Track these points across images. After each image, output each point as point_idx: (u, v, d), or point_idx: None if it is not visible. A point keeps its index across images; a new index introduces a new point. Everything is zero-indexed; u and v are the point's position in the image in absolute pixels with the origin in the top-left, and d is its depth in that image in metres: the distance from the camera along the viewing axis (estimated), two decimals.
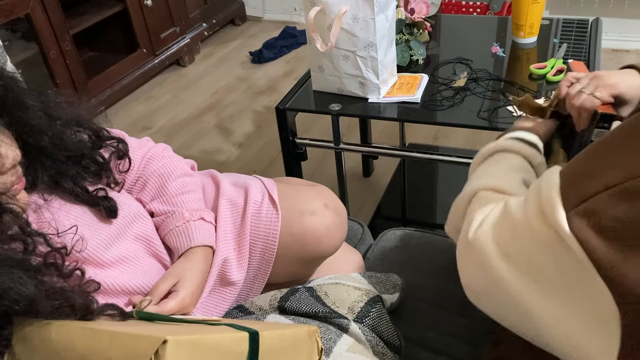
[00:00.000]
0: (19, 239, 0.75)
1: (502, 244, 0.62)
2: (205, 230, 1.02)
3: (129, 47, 3.04)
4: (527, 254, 0.59)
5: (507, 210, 0.63)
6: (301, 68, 3.24)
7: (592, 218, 0.52)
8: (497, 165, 0.82)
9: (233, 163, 2.52)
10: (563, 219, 0.54)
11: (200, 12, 3.47)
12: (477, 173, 0.82)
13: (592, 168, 0.55)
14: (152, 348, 0.58)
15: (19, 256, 0.74)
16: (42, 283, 0.72)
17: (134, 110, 3.02)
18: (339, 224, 1.09)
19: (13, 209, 0.76)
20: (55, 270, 0.77)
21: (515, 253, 0.60)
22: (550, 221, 0.55)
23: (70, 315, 0.72)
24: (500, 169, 0.80)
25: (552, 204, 0.55)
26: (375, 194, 2.23)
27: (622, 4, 2.96)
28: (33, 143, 0.84)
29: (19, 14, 2.39)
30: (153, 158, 1.06)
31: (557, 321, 0.57)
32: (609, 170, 0.52)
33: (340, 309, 0.98)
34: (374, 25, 1.33)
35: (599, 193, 0.52)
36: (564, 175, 0.57)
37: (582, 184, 0.54)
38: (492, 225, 0.64)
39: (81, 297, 0.74)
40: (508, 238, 0.61)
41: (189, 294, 0.94)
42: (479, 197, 0.74)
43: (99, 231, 0.91)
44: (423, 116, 1.42)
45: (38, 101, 0.87)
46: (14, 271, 0.69)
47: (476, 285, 0.67)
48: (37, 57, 2.54)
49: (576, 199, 0.54)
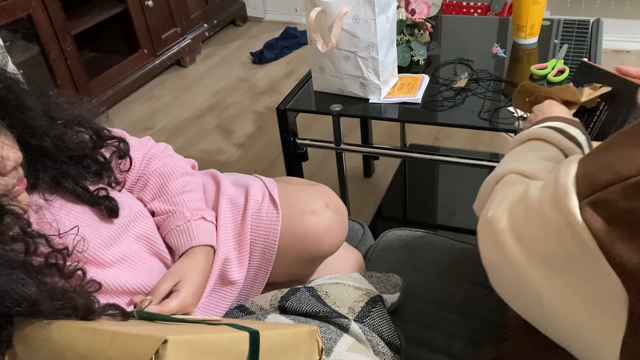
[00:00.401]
0: (20, 240, 0.75)
1: (515, 224, 0.63)
2: (206, 229, 1.02)
3: (130, 48, 3.05)
4: (537, 237, 0.60)
5: (526, 192, 0.64)
6: (302, 69, 3.24)
7: (604, 208, 0.53)
8: (531, 152, 0.81)
9: (234, 163, 2.52)
10: (575, 206, 0.55)
11: (201, 12, 3.47)
12: (509, 157, 0.82)
13: (608, 159, 0.55)
14: (152, 348, 0.58)
15: (21, 257, 0.74)
16: (44, 284, 0.72)
17: (135, 111, 3.02)
18: (340, 223, 1.09)
19: (14, 210, 0.76)
20: (56, 271, 0.77)
21: (527, 234, 0.61)
22: (562, 207, 0.56)
23: (72, 316, 0.72)
24: (533, 156, 0.80)
25: (566, 191, 0.56)
26: (376, 194, 2.24)
27: (623, 4, 2.96)
28: (35, 144, 0.84)
29: (20, 14, 2.39)
30: (154, 157, 1.06)
31: (563, 304, 0.58)
32: (624, 162, 0.53)
33: (341, 309, 0.98)
34: (374, 26, 1.33)
35: (612, 184, 0.52)
36: (581, 165, 0.58)
37: (596, 175, 0.54)
38: (510, 205, 0.66)
39: (83, 298, 0.75)
40: (522, 219, 0.63)
41: (190, 294, 0.94)
42: (506, 180, 0.76)
43: (100, 231, 0.91)
44: (424, 117, 1.42)
45: (39, 102, 0.87)
46: (15, 272, 0.69)
47: (492, 262, 0.69)
48: (38, 58, 2.54)
49: (589, 188, 0.54)
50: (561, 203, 0.56)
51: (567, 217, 0.55)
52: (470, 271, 1.15)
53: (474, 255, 1.14)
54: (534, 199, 0.61)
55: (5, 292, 0.67)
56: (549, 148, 0.82)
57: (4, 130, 0.79)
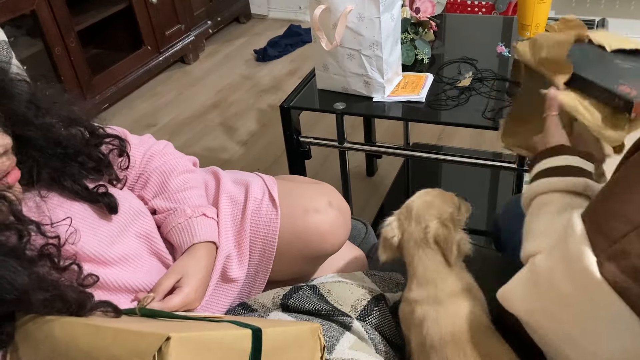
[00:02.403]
0: (13, 228, 0.75)
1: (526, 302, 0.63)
2: (208, 226, 1.02)
3: (133, 45, 3.05)
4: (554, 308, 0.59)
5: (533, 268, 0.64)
6: (306, 66, 3.24)
7: (624, 260, 0.51)
8: (539, 219, 0.76)
9: (237, 161, 2.52)
10: (593, 264, 0.53)
11: (205, 9, 3.47)
12: (526, 231, 0.77)
13: (616, 208, 0.54)
14: (155, 345, 0.58)
15: (14, 245, 0.74)
16: (35, 274, 0.72)
17: (138, 108, 3.02)
18: (343, 221, 1.09)
19: (8, 196, 0.76)
20: (50, 263, 0.77)
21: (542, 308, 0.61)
22: (576, 271, 0.54)
23: (63, 310, 0.72)
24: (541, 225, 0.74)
25: (580, 252, 0.54)
26: (378, 193, 2.23)
27: (628, 4, 2.95)
28: (20, 133, 0.83)
29: (25, 10, 2.39)
30: (155, 155, 1.06)
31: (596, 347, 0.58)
32: (634, 208, 0.52)
33: (343, 307, 0.98)
34: (379, 24, 1.33)
35: (628, 233, 0.51)
36: (588, 220, 0.56)
37: (608, 226, 0.53)
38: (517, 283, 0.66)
39: (75, 292, 0.74)
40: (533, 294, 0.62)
41: (193, 290, 0.94)
42: None
43: (101, 229, 0.91)
44: (427, 116, 1.42)
45: (25, 91, 0.87)
46: (8, 260, 0.69)
47: None
48: (42, 54, 2.54)
49: (605, 242, 0.53)
50: (576, 266, 0.54)
51: (585, 276, 0.54)
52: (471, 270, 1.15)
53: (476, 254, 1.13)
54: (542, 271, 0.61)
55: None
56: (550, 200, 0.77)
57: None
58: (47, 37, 2.51)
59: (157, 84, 3.22)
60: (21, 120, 0.84)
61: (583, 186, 0.75)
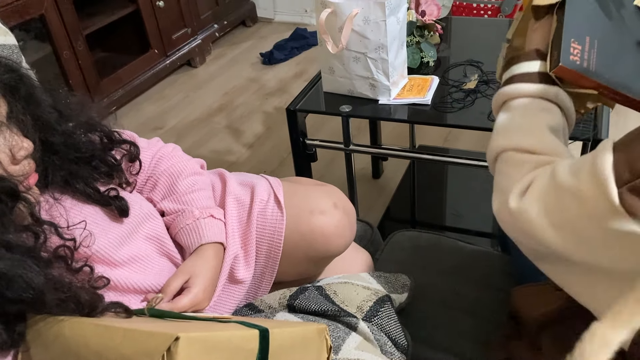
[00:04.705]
0: (31, 229, 0.76)
1: (550, 213, 0.63)
2: (215, 227, 1.03)
3: (140, 48, 3.06)
4: (576, 225, 0.60)
5: (555, 178, 0.64)
6: (312, 69, 3.24)
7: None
8: (515, 118, 0.77)
9: (243, 163, 2.53)
10: (614, 192, 0.55)
11: (211, 13, 3.49)
12: (497, 127, 0.79)
13: None
14: (164, 345, 0.59)
15: (31, 245, 0.75)
16: (51, 275, 0.73)
17: (146, 111, 3.04)
18: (348, 223, 1.10)
19: (28, 198, 0.77)
20: (64, 264, 0.78)
21: (564, 222, 0.62)
22: (601, 193, 0.56)
23: (76, 311, 0.73)
24: (520, 123, 0.76)
25: (605, 177, 0.56)
26: (384, 195, 2.24)
27: None
28: (44, 139, 0.85)
29: (33, 14, 2.41)
30: (163, 158, 1.07)
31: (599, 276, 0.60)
32: None
33: (349, 308, 0.99)
34: (385, 27, 1.34)
35: None
36: (618, 151, 0.58)
37: (635, 161, 0.55)
38: (539, 195, 0.65)
39: (87, 294, 0.76)
40: (556, 208, 0.63)
41: (201, 290, 0.94)
42: (507, 159, 0.74)
43: (111, 231, 0.92)
44: (433, 118, 1.42)
45: (49, 98, 0.89)
46: (25, 260, 0.71)
47: (525, 245, 0.69)
48: (50, 58, 2.56)
49: (629, 175, 0.55)
50: (600, 189, 0.56)
51: (608, 201, 0.56)
52: (478, 273, 1.16)
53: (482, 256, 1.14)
54: (567, 185, 0.61)
55: (16, 276, 0.68)
56: (527, 102, 0.77)
57: (16, 121, 0.80)
58: (55, 41, 2.53)
59: (164, 87, 3.24)
60: (46, 126, 0.86)
61: (554, 94, 0.77)
